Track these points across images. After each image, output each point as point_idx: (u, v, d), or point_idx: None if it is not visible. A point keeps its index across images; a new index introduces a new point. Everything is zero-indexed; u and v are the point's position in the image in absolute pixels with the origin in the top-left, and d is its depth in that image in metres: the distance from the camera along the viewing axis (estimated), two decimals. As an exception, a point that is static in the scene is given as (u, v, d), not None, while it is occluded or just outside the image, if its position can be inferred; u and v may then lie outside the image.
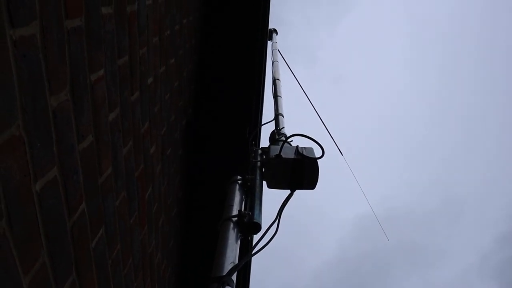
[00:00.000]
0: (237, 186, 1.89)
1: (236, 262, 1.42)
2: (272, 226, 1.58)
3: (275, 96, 3.13)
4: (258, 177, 1.93)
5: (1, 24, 0.71)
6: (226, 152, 3.00)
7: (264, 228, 1.58)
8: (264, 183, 1.94)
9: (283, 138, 2.21)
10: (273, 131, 2.49)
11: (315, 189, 1.91)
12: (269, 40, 4.33)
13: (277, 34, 4.79)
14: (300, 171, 1.82)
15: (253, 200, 1.75)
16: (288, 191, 1.85)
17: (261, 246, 1.47)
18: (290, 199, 1.80)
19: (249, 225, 1.60)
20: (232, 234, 1.53)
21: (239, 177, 1.96)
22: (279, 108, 2.91)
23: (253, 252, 1.47)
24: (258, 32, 3.30)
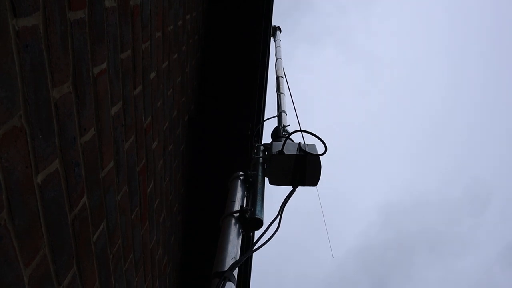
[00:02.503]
0: (239, 182, 1.89)
1: (238, 257, 1.41)
2: (274, 222, 1.57)
3: (278, 93, 3.13)
4: (260, 173, 1.93)
5: (4, 14, 0.70)
6: (228, 148, 2.99)
7: (266, 224, 1.57)
8: (266, 179, 1.93)
9: (286, 135, 2.20)
10: (276, 127, 2.49)
11: (316, 186, 1.90)
12: (272, 37, 4.32)
13: (280, 31, 4.78)
14: (302, 168, 1.81)
15: (255, 196, 1.75)
16: (290, 188, 1.84)
17: (263, 242, 1.47)
18: (292, 196, 1.80)
19: (250, 221, 1.60)
20: (233, 230, 1.53)
21: (241, 173, 1.96)
22: (282, 105, 2.91)
23: (255, 248, 1.46)
24: (261, 29, 3.29)
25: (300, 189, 1.86)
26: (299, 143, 1.89)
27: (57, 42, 0.90)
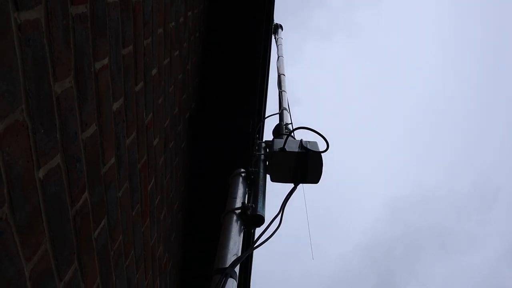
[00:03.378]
0: (241, 179, 1.88)
1: (239, 254, 1.41)
2: (276, 219, 1.57)
3: (280, 90, 3.12)
4: (261, 170, 1.92)
5: (6, 7, 0.70)
6: (229, 145, 2.98)
7: (267, 221, 1.57)
8: (268, 176, 1.93)
9: (288, 132, 2.20)
10: (278, 124, 2.48)
11: (318, 183, 1.90)
12: (274, 35, 4.32)
13: (282, 29, 4.78)
14: (304, 165, 1.81)
15: (256, 193, 1.75)
16: (292, 185, 1.84)
17: (264, 239, 1.46)
18: (294, 193, 1.79)
19: (252, 218, 1.59)
20: (235, 227, 1.53)
21: (242, 170, 1.95)
22: (284, 103, 2.90)
23: (256, 245, 1.46)
24: (263, 26, 3.28)
25: (304, 185, 1.86)
26: (301, 140, 1.88)
27: (59, 36, 0.89)
